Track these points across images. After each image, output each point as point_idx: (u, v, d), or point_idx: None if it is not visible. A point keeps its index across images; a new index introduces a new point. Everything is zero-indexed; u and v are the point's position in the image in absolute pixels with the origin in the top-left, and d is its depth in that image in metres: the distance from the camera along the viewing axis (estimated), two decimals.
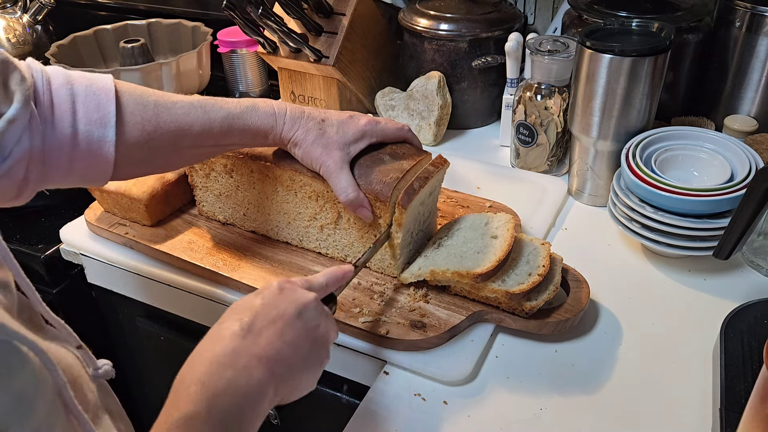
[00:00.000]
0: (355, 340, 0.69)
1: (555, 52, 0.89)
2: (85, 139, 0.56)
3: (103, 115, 0.56)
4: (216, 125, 0.64)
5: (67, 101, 0.55)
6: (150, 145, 0.61)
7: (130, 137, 0.59)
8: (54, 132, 0.54)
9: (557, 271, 0.70)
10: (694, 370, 0.65)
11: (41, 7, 1.42)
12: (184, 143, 0.63)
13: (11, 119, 0.49)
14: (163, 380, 1.01)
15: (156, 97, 0.62)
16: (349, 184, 0.68)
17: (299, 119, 0.68)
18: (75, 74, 0.58)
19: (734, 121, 0.89)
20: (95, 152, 0.57)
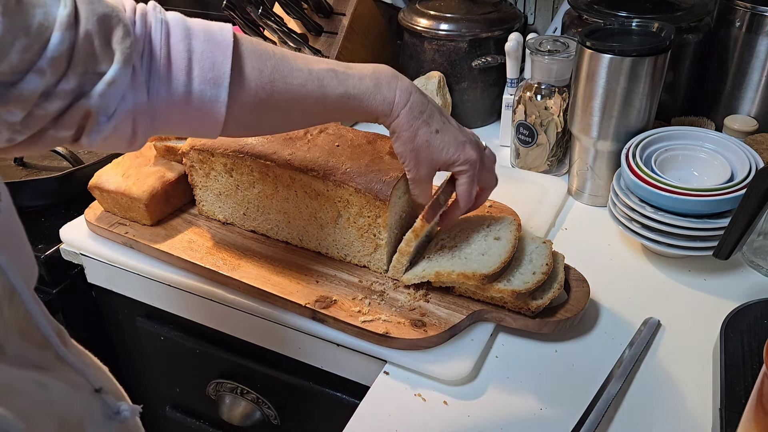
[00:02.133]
0: (355, 340, 0.69)
1: (555, 52, 0.89)
2: (198, 99, 0.54)
3: (218, 75, 0.55)
4: (330, 102, 0.62)
5: (184, 59, 0.53)
6: (261, 110, 0.59)
7: (242, 101, 0.57)
8: (168, 89, 0.53)
9: (560, 269, 0.71)
10: (694, 369, 0.65)
11: None
12: (294, 112, 0.62)
13: (111, 81, 0.48)
14: (163, 380, 1.01)
15: (275, 61, 0.59)
16: (423, 195, 0.69)
17: (415, 120, 0.65)
18: (195, 26, 0.56)
19: (734, 121, 0.89)
20: (206, 111, 0.55)
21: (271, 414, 0.88)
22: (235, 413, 0.89)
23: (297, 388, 0.81)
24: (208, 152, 0.79)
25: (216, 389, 0.90)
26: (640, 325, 0.71)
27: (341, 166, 0.73)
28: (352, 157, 0.73)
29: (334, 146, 0.75)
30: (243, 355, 0.84)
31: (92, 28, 0.46)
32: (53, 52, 0.44)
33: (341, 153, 0.74)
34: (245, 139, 0.77)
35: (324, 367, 0.75)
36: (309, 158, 0.74)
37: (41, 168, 1.06)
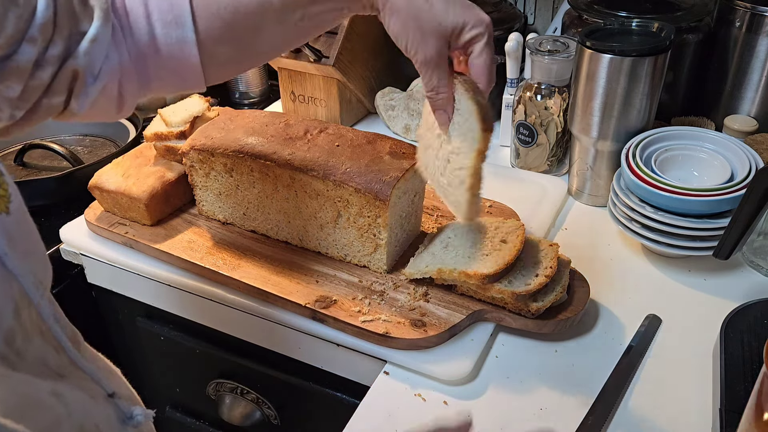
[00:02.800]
0: (355, 340, 0.69)
1: (555, 52, 0.89)
2: (165, 44, 0.53)
3: (177, 15, 0.53)
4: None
5: (139, 6, 0.53)
6: (232, 34, 0.56)
7: (210, 32, 0.55)
8: (134, 41, 0.52)
9: (565, 273, 0.70)
10: (694, 369, 0.65)
11: None
12: (267, 21, 0.57)
13: (93, 38, 0.48)
14: (163, 380, 1.01)
15: None
16: (441, 83, 0.59)
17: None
18: None
19: (734, 121, 0.89)
20: (178, 55, 0.54)
21: (271, 414, 0.88)
22: (235, 413, 0.89)
23: (297, 388, 0.81)
24: (208, 152, 0.79)
25: (216, 389, 0.90)
26: (640, 325, 0.71)
27: (341, 165, 0.73)
28: (352, 157, 0.73)
29: (334, 146, 0.75)
30: (243, 355, 0.84)
31: None
32: (41, 19, 0.45)
33: (341, 153, 0.74)
34: (245, 139, 0.77)
35: (324, 367, 0.75)
36: (309, 158, 0.74)
37: (41, 168, 1.06)
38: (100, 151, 1.11)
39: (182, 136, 0.86)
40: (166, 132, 0.86)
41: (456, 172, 0.61)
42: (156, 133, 0.86)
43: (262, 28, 0.57)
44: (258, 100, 1.28)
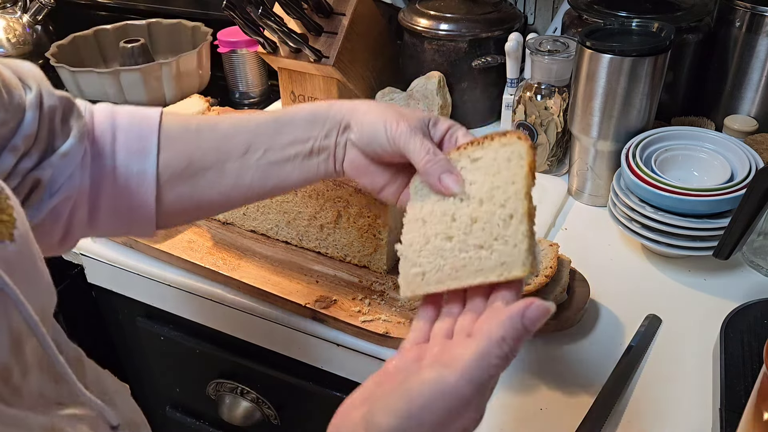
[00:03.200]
0: (355, 340, 0.69)
1: (555, 52, 0.89)
2: (124, 173, 0.51)
3: (143, 146, 0.52)
4: (264, 127, 0.55)
5: (108, 132, 0.52)
6: (191, 169, 0.53)
7: (171, 166, 0.53)
8: (96, 167, 0.51)
9: (565, 273, 0.70)
10: (694, 369, 0.65)
11: (41, 7, 1.42)
12: (229, 160, 0.54)
13: (65, 153, 0.47)
14: (163, 380, 1.01)
15: (203, 119, 0.56)
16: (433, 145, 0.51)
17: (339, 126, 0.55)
18: (121, 107, 0.54)
19: (734, 121, 0.89)
20: (135, 187, 0.52)
21: (271, 414, 0.88)
22: (235, 413, 0.89)
23: (297, 388, 0.81)
24: None
25: (216, 389, 0.90)
26: (640, 325, 0.71)
27: None
28: None
29: None
30: (243, 355, 0.84)
31: (55, 103, 0.48)
32: (27, 130, 0.45)
33: None
34: None
35: (324, 367, 0.75)
36: None
37: None
38: None
39: None
40: None
41: (496, 214, 0.45)
42: None
43: (222, 165, 0.54)
44: (258, 100, 1.28)
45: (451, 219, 0.46)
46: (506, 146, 0.47)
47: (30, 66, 0.48)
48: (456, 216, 0.46)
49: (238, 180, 0.55)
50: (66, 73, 1.17)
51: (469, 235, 0.45)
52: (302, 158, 0.55)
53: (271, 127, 0.55)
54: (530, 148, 0.46)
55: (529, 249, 0.42)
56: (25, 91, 0.46)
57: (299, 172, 0.55)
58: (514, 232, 0.43)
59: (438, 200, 0.48)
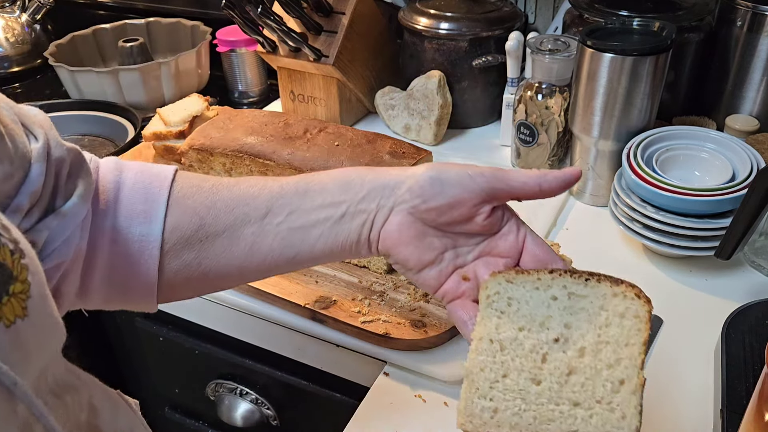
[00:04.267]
0: (354, 341, 0.69)
1: (556, 52, 0.89)
2: (124, 236, 0.45)
3: (149, 208, 0.45)
4: (289, 187, 0.48)
5: (111, 189, 0.46)
6: (201, 233, 0.46)
7: (178, 229, 0.46)
8: (93, 228, 0.44)
9: None
10: (695, 370, 0.65)
11: (40, 6, 1.42)
12: (245, 224, 0.47)
13: (64, 213, 0.41)
14: (162, 381, 1.01)
15: (221, 179, 0.49)
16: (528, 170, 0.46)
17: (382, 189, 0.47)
18: (131, 162, 0.48)
19: (735, 120, 0.89)
20: (135, 253, 0.45)
21: (270, 415, 0.87)
22: (235, 414, 0.88)
23: (296, 388, 0.81)
24: (207, 152, 0.79)
25: (215, 390, 0.90)
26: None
27: (341, 165, 0.72)
28: (352, 157, 0.73)
29: (334, 145, 0.75)
30: (242, 355, 0.84)
31: (63, 155, 0.41)
32: (33, 185, 0.39)
33: (341, 152, 0.74)
34: (244, 139, 0.77)
35: (323, 368, 0.75)
36: (308, 157, 0.74)
37: None
38: (98, 150, 1.11)
39: (181, 135, 0.85)
40: (165, 131, 0.86)
41: (603, 374, 0.40)
42: (155, 132, 0.86)
43: (236, 232, 0.47)
44: (257, 100, 1.27)
45: (541, 359, 0.40)
46: (619, 297, 0.42)
47: (37, 112, 0.43)
48: (548, 358, 0.40)
49: (254, 247, 0.47)
50: (65, 72, 1.17)
51: (564, 386, 0.39)
52: (332, 223, 0.47)
53: (297, 188, 0.48)
54: (649, 312, 0.41)
55: (638, 428, 0.38)
56: (30, 140, 0.40)
57: (326, 239, 0.47)
58: (624, 401, 0.38)
59: (523, 327, 0.42)
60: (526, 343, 0.41)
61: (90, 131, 1.16)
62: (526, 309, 0.43)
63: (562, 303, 0.43)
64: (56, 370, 0.38)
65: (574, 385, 0.39)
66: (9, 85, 1.41)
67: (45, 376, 0.36)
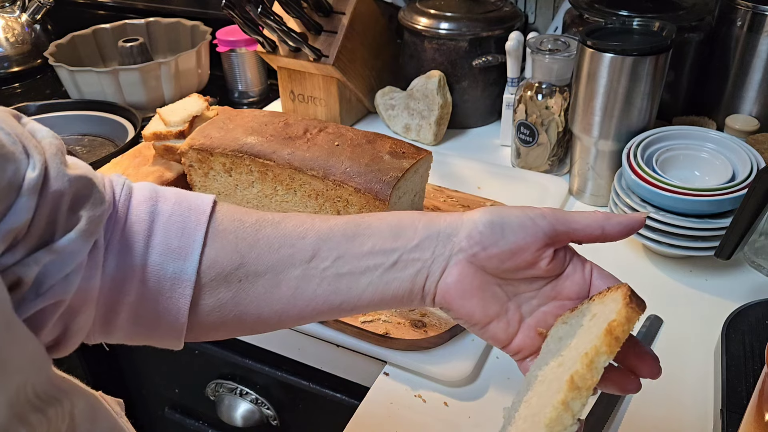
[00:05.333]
0: (355, 341, 0.69)
1: (556, 52, 0.89)
2: (157, 274, 0.41)
3: (185, 244, 0.42)
4: (338, 230, 0.45)
5: (144, 221, 0.42)
6: (241, 272, 0.43)
7: (216, 265, 0.43)
8: (119, 265, 0.41)
9: None
10: (695, 370, 0.65)
11: (40, 6, 1.42)
12: (290, 267, 0.44)
13: (59, 250, 0.37)
14: (162, 381, 1.01)
15: (264, 214, 0.45)
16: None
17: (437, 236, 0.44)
18: (167, 190, 0.44)
19: (735, 120, 0.89)
20: (167, 291, 0.42)
21: (270, 415, 0.87)
22: (235, 414, 0.88)
23: (296, 389, 0.81)
24: (207, 152, 0.79)
25: (215, 390, 0.90)
26: (641, 325, 0.70)
27: (341, 165, 0.72)
28: (352, 157, 0.73)
29: (334, 145, 0.75)
30: (242, 355, 0.84)
31: (64, 188, 0.37)
32: (16, 220, 0.34)
33: (341, 152, 0.74)
34: (244, 138, 0.77)
35: (323, 368, 0.75)
36: (308, 157, 0.74)
37: None
38: (98, 150, 1.11)
39: (181, 135, 0.85)
40: (165, 131, 0.85)
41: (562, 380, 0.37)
42: (155, 132, 0.86)
43: (279, 274, 0.44)
44: (257, 100, 1.27)
45: (540, 384, 0.40)
46: (614, 302, 0.39)
47: (45, 134, 0.38)
48: (545, 381, 0.39)
49: (297, 291, 0.44)
50: (64, 72, 1.17)
51: (538, 402, 0.38)
52: (382, 272, 0.44)
53: (346, 231, 0.45)
54: (625, 306, 0.38)
55: (551, 424, 0.35)
56: (27, 165, 0.35)
57: (375, 288, 0.44)
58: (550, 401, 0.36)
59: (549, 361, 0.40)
60: (540, 374, 0.40)
61: (90, 131, 1.15)
62: (563, 343, 0.41)
63: (585, 327, 0.40)
64: (37, 384, 0.36)
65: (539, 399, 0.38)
66: (9, 85, 1.41)
67: (25, 391, 0.34)
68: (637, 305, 0.38)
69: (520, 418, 0.38)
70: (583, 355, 0.36)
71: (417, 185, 0.77)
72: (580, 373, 0.35)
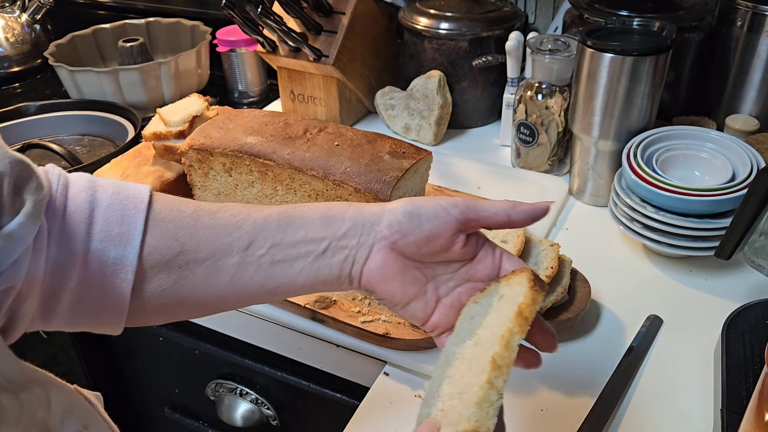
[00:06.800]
0: (355, 341, 0.69)
1: (556, 52, 0.89)
2: (98, 260, 0.43)
3: (125, 231, 0.43)
4: (272, 219, 0.47)
5: (84, 210, 0.43)
6: (181, 259, 0.45)
7: (157, 252, 0.45)
8: (60, 251, 0.42)
9: (566, 273, 0.70)
10: (695, 370, 0.65)
11: (40, 6, 1.42)
12: (227, 254, 0.46)
13: (8, 234, 0.37)
14: (162, 381, 1.01)
15: (201, 204, 0.48)
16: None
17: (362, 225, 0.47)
18: (104, 180, 0.45)
19: (735, 120, 0.89)
20: (108, 276, 0.43)
21: (270, 415, 0.87)
22: (235, 414, 0.88)
23: (296, 389, 0.81)
24: (207, 152, 0.79)
25: (215, 390, 0.90)
26: (641, 325, 0.70)
27: (341, 165, 0.72)
28: (352, 157, 0.73)
29: (334, 145, 0.75)
30: (242, 355, 0.84)
31: (4, 170, 0.37)
32: None
33: (341, 152, 0.74)
34: (244, 139, 0.77)
35: (323, 368, 0.75)
36: (308, 157, 0.74)
37: None
38: (98, 150, 1.11)
39: (181, 135, 0.85)
40: (165, 131, 0.85)
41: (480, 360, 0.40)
42: (155, 132, 0.86)
43: (219, 261, 0.46)
44: (257, 100, 1.27)
45: (461, 362, 0.42)
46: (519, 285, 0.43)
47: None
48: (464, 359, 0.42)
49: (235, 278, 0.46)
50: (65, 72, 1.17)
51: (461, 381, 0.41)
52: (313, 258, 0.47)
53: (280, 221, 0.48)
54: (530, 290, 0.42)
55: (480, 402, 0.37)
56: None
57: (307, 273, 0.47)
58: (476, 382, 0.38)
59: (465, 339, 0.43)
60: (458, 352, 0.43)
61: (90, 131, 1.15)
62: (476, 322, 0.44)
63: (494, 307, 0.44)
64: (7, 371, 0.37)
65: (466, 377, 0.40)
66: (9, 85, 1.41)
67: None
68: (540, 287, 0.43)
69: (446, 395, 0.41)
70: (500, 337, 0.39)
71: (417, 185, 0.77)
72: (500, 353, 0.39)
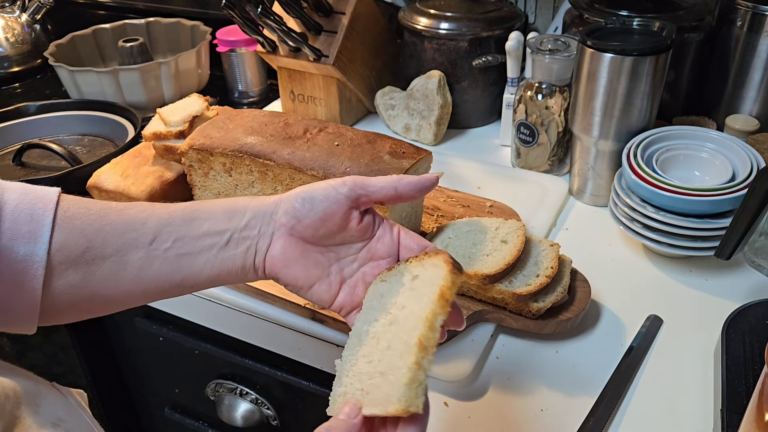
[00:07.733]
0: None
1: (556, 52, 0.89)
2: (7, 257, 0.43)
3: (34, 229, 0.44)
4: (176, 215, 0.49)
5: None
6: (89, 255, 0.46)
7: (65, 248, 0.46)
8: None
9: (566, 273, 0.70)
10: (695, 370, 0.65)
11: (40, 6, 1.42)
12: (133, 249, 0.47)
13: None
14: (162, 380, 1.01)
15: (108, 203, 0.49)
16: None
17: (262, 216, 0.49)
18: (11, 183, 0.46)
19: (735, 120, 0.89)
20: (18, 273, 0.44)
21: (270, 415, 0.87)
22: (235, 414, 0.88)
23: (296, 388, 0.81)
24: (207, 152, 0.79)
25: (215, 390, 0.90)
26: (641, 325, 0.70)
27: (341, 165, 0.72)
28: (352, 157, 0.73)
29: (334, 145, 0.75)
30: (242, 355, 0.84)
31: None
32: None
33: (341, 152, 0.74)
34: (244, 139, 0.77)
35: (323, 368, 0.75)
36: (308, 157, 0.74)
37: (39, 168, 1.05)
38: (98, 150, 1.11)
39: (181, 135, 0.85)
40: (165, 131, 0.85)
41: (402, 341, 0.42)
42: (155, 132, 0.86)
43: (125, 257, 0.47)
44: (257, 100, 1.27)
45: (376, 341, 0.44)
46: (436, 267, 0.44)
47: None
48: (380, 338, 0.44)
49: (141, 272, 0.48)
50: (65, 72, 1.17)
51: (382, 360, 0.42)
52: (217, 250, 0.49)
53: (184, 215, 0.49)
54: (450, 273, 0.43)
55: (410, 383, 0.38)
56: None
57: (212, 265, 0.49)
58: (402, 363, 0.40)
59: (377, 318, 0.45)
60: (372, 330, 0.45)
61: (90, 131, 1.15)
62: (386, 300, 0.46)
63: (405, 288, 0.45)
64: None
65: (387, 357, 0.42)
66: (9, 85, 1.41)
67: None
68: (458, 270, 0.44)
69: (365, 375, 0.42)
70: (423, 319, 0.41)
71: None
72: (425, 334, 0.40)
